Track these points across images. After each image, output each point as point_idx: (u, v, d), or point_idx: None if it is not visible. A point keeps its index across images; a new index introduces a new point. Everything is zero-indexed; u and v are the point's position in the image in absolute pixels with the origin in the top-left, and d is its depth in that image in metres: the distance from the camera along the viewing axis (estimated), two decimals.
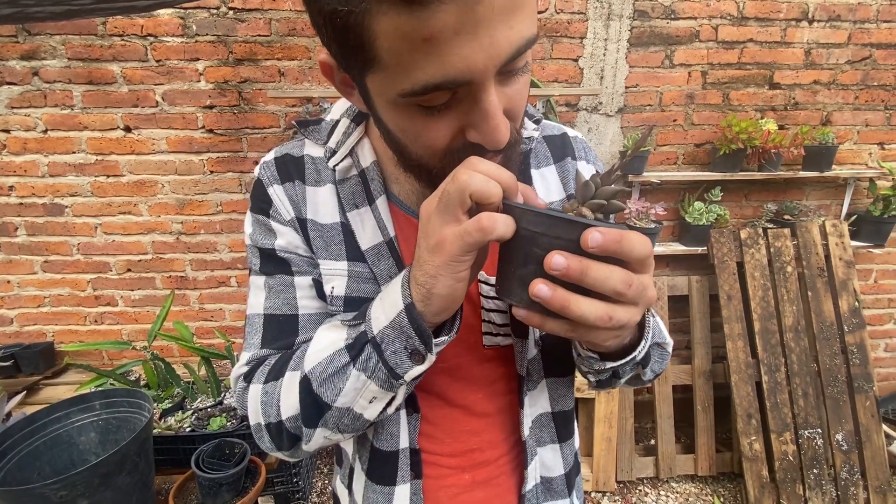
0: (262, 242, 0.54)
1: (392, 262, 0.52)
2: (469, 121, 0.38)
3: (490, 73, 0.35)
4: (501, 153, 0.43)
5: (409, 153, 0.43)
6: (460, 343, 0.53)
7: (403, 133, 0.41)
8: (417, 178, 0.47)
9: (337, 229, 0.53)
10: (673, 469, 2.04)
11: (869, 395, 1.92)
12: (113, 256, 1.96)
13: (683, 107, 1.99)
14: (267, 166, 0.55)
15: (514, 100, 0.40)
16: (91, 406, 1.38)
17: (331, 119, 0.56)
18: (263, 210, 0.54)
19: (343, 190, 0.53)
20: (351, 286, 0.51)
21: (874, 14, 1.94)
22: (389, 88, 0.37)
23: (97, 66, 1.75)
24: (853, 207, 2.14)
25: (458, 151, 0.40)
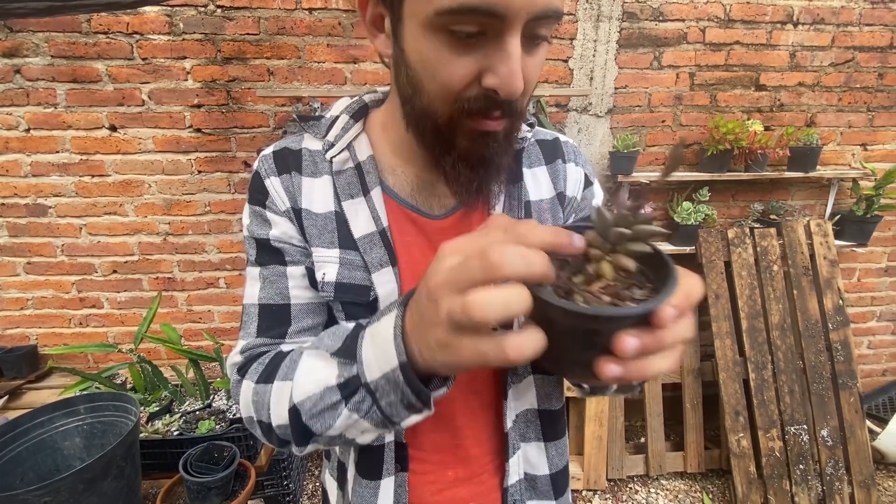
0: (258, 233, 0.55)
1: (384, 251, 0.53)
2: (489, 63, 0.40)
3: (521, 16, 0.38)
4: (506, 118, 0.45)
5: (421, 95, 0.45)
6: None
7: (424, 65, 0.43)
8: (421, 134, 0.49)
9: (331, 218, 0.54)
10: (663, 466, 2.06)
11: (853, 392, 1.96)
12: (98, 258, 1.92)
13: (672, 108, 2.01)
14: (265, 159, 0.57)
15: (530, 69, 0.42)
16: (76, 410, 1.35)
17: (330, 116, 0.58)
18: (260, 201, 0.55)
19: (339, 181, 0.55)
20: (342, 273, 0.52)
21: (857, 17, 1.98)
22: (427, 5, 0.39)
23: (81, 64, 1.72)
24: (837, 207, 2.18)
25: (471, 100, 0.42)
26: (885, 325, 2.40)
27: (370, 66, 1.81)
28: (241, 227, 1.92)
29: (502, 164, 0.50)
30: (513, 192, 0.57)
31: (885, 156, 2.17)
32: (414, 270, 0.54)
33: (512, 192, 0.57)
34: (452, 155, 0.48)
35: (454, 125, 0.45)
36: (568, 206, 0.62)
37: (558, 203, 0.60)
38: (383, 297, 0.52)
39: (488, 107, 0.43)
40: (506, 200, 0.57)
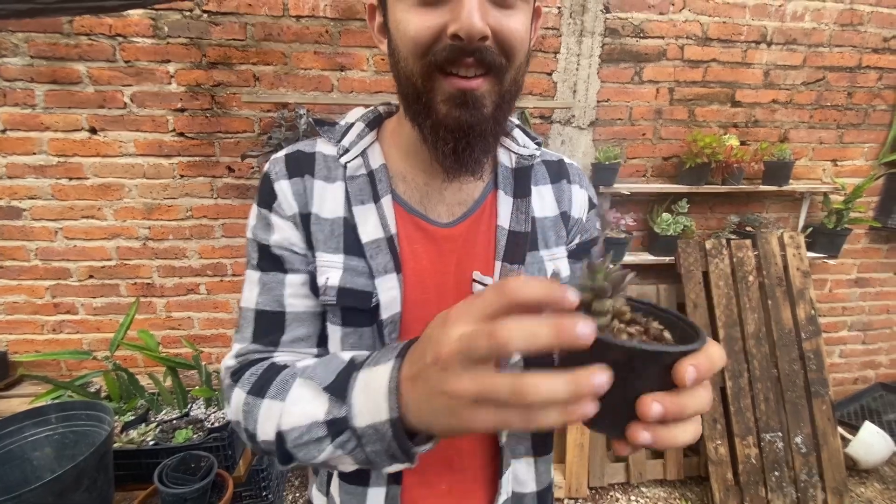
0: (261, 237, 0.56)
1: (389, 258, 0.53)
2: (452, 15, 0.44)
3: None
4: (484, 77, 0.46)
5: (399, 60, 0.48)
6: None
7: (398, 30, 0.47)
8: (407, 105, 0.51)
9: (338, 224, 0.55)
10: (643, 474, 2.08)
11: (825, 400, 2.02)
12: (74, 262, 1.88)
13: (652, 121, 2.06)
14: (276, 162, 0.57)
15: (503, 29, 0.45)
16: (47, 419, 1.31)
17: (345, 123, 0.60)
18: (267, 204, 0.56)
19: (352, 186, 0.56)
20: (345, 278, 0.53)
21: (827, 39, 2.07)
22: None
23: (62, 65, 1.69)
24: (809, 220, 2.26)
25: (438, 52, 0.45)
26: (855, 334, 2.48)
27: (357, 74, 1.82)
28: (223, 233, 1.91)
29: (486, 133, 0.49)
30: (521, 206, 0.58)
31: (854, 171, 2.26)
32: (419, 277, 0.55)
33: (520, 205, 0.59)
34: (432, 118, 0.48)
35: (431, 85, 0.47)
36: (574, 227, 0.63)
37: (562, 222, 0.62)
38: (385, 303, 0.53)
39: (455, 56, 0.45)
40: (513, 213, 0.58)
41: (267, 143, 1.70)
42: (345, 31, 1.77)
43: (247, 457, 1.64)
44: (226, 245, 1.93)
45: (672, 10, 1.94)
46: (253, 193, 1.89)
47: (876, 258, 2.39)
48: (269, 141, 1.70)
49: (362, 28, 1.78)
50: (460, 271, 0.56)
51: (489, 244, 0.57)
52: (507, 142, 0.62)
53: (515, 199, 0.59)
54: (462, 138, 0.49)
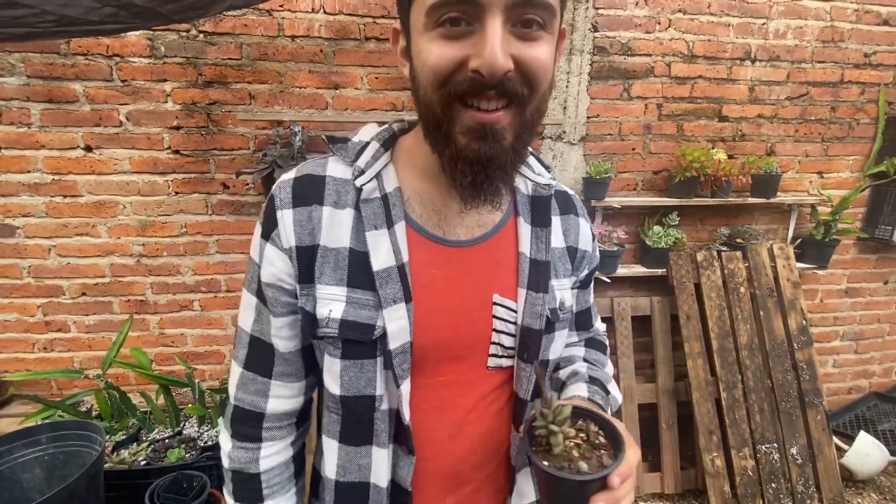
0: (258, 265, 0.57)
1: (399, 287, 0.52)
2: (474, 50, 0.43)
3: (496, 1, 0.42)
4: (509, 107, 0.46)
5: (420, 88, 0.48)
6: (465, 361, 0.57)
7: (420, 59, 0.47)
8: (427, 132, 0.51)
9: (343, 254, 0.53)
10: (641, 488, 2.07)
11: (819, 410, 2.02)
12: (67, 280, 1.87)
13: (641, 136, 2.10)
14: (284, 186, 0.56)
15: (526, 60, 0.44)
16: (37, 440, 1.30)
17: (358, 140, 0.58)
18: (266, 232, 0.55)
19: (365, 210, 0.54)
20: (348, 311, 0.52)
21: (809, 55, 2.13)
22: (420, 12, 0.45)
23: (58, 84, 1.71)
24: (798, 231, 2.30)
25: (458, 83, 0.45)
26: (848, 344, 2.50)
27: (351, 93, 1.85)
28: (218, 249, 1.91)
29: (506, 165, 0.49)
30: (540, 235, 0.60)
31: (840, 183, 2.30)
32: (434, 304, 0.54)
33: (540, 234, 0.60)
34: (451, 149, 0.48)
35: (450, 114, 0.46)
36: (582, 260, 0.66)
37: (567, 255, 0.64)
38: (393, 332, 0.52)
39: (475, 89, 0.44)
40: (533, 241, 0.59)
41: (262, 160, 1.72)
42: (339, 50, 1.80)
43: None
44: (220, 261, 1.94)
45: (658, 29, 1.99)
46: (247, 210, 1.90)
47: (865, 268, 2.42)
48: (264, 158, 1.71)
49: (356, 48, 1.81)
50: (480, 294, 0.57)
51: (511, 269, 0.58)
52: (524, 169, 0.62)
53: (534, 227, 0.60)
54: (481, 171, 0.48)
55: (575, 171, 2.08)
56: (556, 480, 0.46)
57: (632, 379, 2.11)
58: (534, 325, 0.57)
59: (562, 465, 0.47)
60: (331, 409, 0.58)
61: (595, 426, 0.52)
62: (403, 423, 0.54)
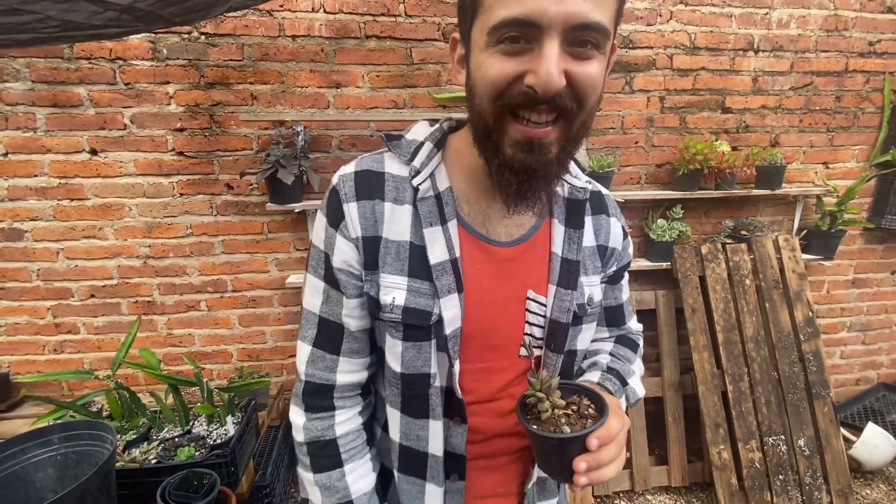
0: (329, 252, 0.60)
1: (452, 279, 0.58)
2: (531, 66, 0.46)
3: (557, 24, 0.44)
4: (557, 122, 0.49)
5: (475, 97, 0.51)
6: (500, 350, 0.63)
7: (479, 71, 0.49)
8: (477, 140, 0.54)
9: (405, 247, 0.58)
10: (647, 481, 2.07)
11: (826, 401, 2.02)
12: (75, 282, 1.89)
13: (644, 130, 2.09)
14: (346, 180, 0.60)
15: (579, 77, 0.47)
16: (49, 440, 1.31)
17: (412, 139, 0.62)
18: (334, 223, 0.59)
19: (422, 208, 0.58)
20: (409, 299, 0.58)
21: (813, 45, 2.11)
22: (483, 31, 0.47)
23: (63, 88, 1.72)
24: (803, 223, 2.28)
25: (512, 97, 0.47)
26: (855, 335, 2.49)
27: (353, 91, 1.86)
28: (223, 249, 1.93)
29: (550, 175, 0.53)
30: (573, 236, 0.64)
31: (845, 173, 2.28)
32: (479, 295, 0.60)
33: (573, 235, 0.64)
34: (499, 158, 0.52)
35: (501, 125, 0.50)
36: (611, 258, 0.70)
37: (597, 253, 0.68)
38: (448, 319, 0.58)
39: (528, 103, 0.47)
40: (565, 241, 0.64)
41: (265, 161, 1.73)
42: (340, 49, 1.81)
43: (249, 473, 1.64)
44: (226, 261, 1.95)
45: (660, 21, 1.98)
46: (251, 210, 1.91)
47: (872, 258, 2.40)
48: (268, 158, 1.72)
49: (357, 46, 1.81)
50: (516, 289, 0.62)
51: (543, 267, 0.64)
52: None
53: (567, 228, 0.65)
54: (525, 180, 0.52)
55: None
56: (540, 440, 0.52)
57: None
58: (561, 319, 0.63)
59: (549, 429, 0.53)
60: (392, 384, 0.63)
61: (587, 400, 0.58)
62: (456, 396, 0.60)
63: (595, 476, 0.52)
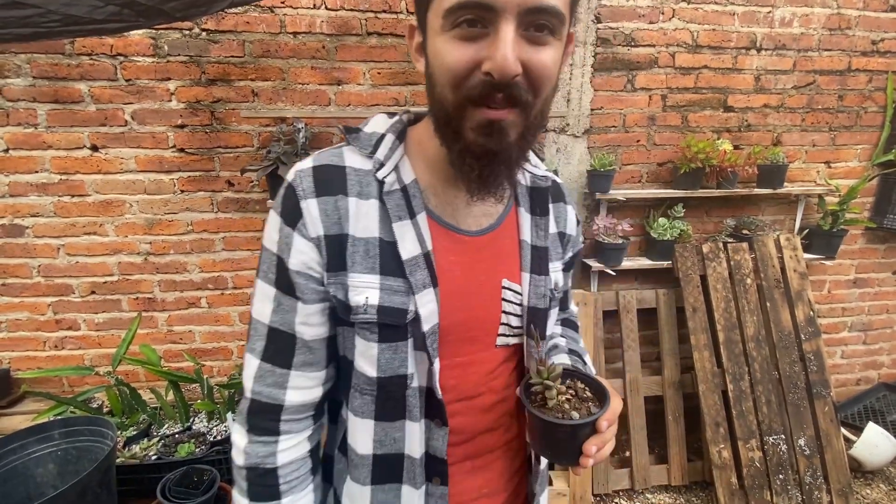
0: (283, 255, 0.55)
1: (426, 274, 0.56)
2: (488, 52, 0.45)
3: (510, 7, 0.44)
4: (511, 108, 0.48)
5: (435, 86, 0.50)
6: (478, 342, 0.61)
7: (436, 59, 0.49)
8: (438, 128, 0.53)
9: (374, 244, 0.56)
10: (647, 480, 2.07)
11: (827, 401, 2.01)
12: (76, 278, 1.89)
13: (646, 128, 2.09)
14: (303, 176, 0.55)
15: (535, 66, 0.47)
16: (49, 436, 1.32)
17: (372, 131, 0.60)
18: (291, 221, 0.55)
19: (389, 202, 0.56)
20: (383, 297, 0.55)
21: (816, 43, 2.10)
22: (438, 15, 0.47)
23: (64, 84, 1.72)
24: (805, 222, 2.28)
25: (472, 87, 0.47)
26: (856, 335, 2.49)
27: (354, 88, 1.85)
28: (224, 246, 1.93)
29: (510, 160, 0.53)
30: (540, 223, 0.65)
31: (847, 172, 2.28)
32: (455, 288, 0.58)
33: (539, 222, 0.65)
34: (460, 143, 0.51)
35: (461, 114, 0.49)
36: (569, 244, 0.72)
37: (559, 240, 0.70)
38: (425, 316, 0.56)
39: (488, 92, 0.46)
40: (533, 229, 0.65)
41: (266, 157, 1.72)
42: (341, 46, 1.80)
43: None
44: (226, 258, 1.95)
45: (662, 19, 1.97)
46: (252, 207, 1.91)
47: (873, 258, 2.40)
48: (269, 155, 1.72)
49: (358, 43, 1.81)
50: (490, 279, 0.62)
51: (514, 255, 0.64)
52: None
53: (534, 216, 0.65)
54: (487, 165, 0.51)
55: (579, 163, 2.08)
56: (552, 427, 0.53)
57: (638, 371, 2.11)
58: (539, 305, 0.63)
59: (556, 415, 0.54)
60: (364, 392, 0.59)
61: (581, 383, 0.60)
62: (436, 397, 0.58)
63: (600, 456, 0.55)
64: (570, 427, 0.53)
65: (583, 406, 0.56)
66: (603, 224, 2.00)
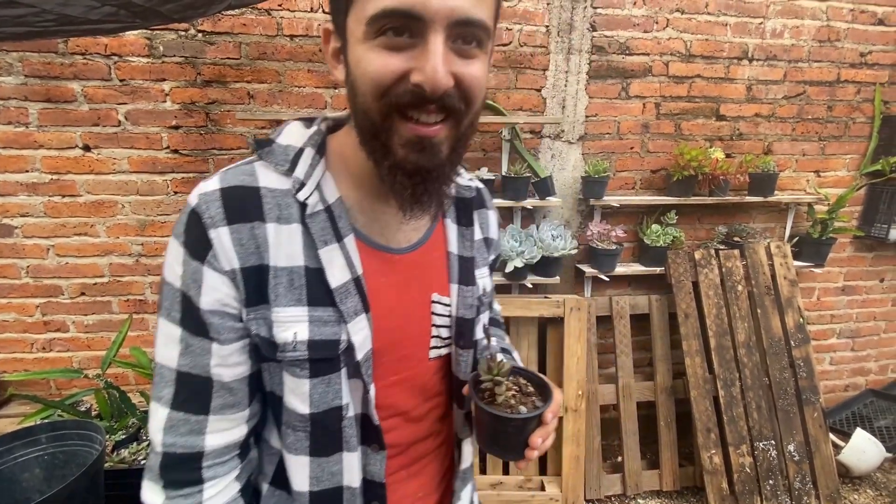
0: (190, 292, 0.49)
1: (358, 300, 0.53)
2: (416, 63, 0.44)
3: (441, 19, 0.42)
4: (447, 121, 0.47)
5: (358, 95, 0.47)
6: (411, 358, 0.60)
7: (360, 66, 0.46)
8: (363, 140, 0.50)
9: (298, 273, 0.51)
10: (639, 485, 2.08)
11: (816, 407, 2.04)
12: (66, 279, 1.87)
13: (639, 135, 2.11)
14: (209, 201, 0.49)
15: (465, 78, 0.46)
16: (36, 440, 1.30)
17: (287, 144, 0.54)
18: (198, 254, 0.48)
19: (313, 225, 0.52)
20: (314, 330, 0.51)
21: (806, 54, 2.14)
22: (360, 21, 0.44)
23: (56, 83, 1.70)
24: (795, 230, 2.31)
25: (399, 95, 0.45)
26: (844, 341, 2.52)
27: None
28: None
29: (443, 176, 0.51)
30: (465, 234, 0.65)
31: (836, 182, 2.31)
32: (387, 310, 0.56)
33: (465, 233, 0.65)
34: (390, 159, 0.48)
35: (389, 125, 0.46)
36: (492, 247, 0.73)
37: (485, 245, 0.70)
38: (359, 344, 0.53)
39: (416, 102, 0.45)
40: (459, 239, 0.65)
41: None
42: None
43: None
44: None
45: (656, 28, 2.00)
46: None
47: (861, 266, 2.44)
48: None
49: None
50: (421, 294, 0.60)
51: (443, 268, 0.63)
52: None
53: (460, 226, 0.65)
54: (420, 183, 0.49)
55: (574, 169, 2.09)
56: (504, 422, 0.55)
57: (630, 377, 2.12)
58: (466, 315, 0.63)
59: (505, 411, 0.56)
60: (297, 428, 0.54)
61: (523, 379, 0.63)
62: (373, 423, 0.56)
63: (544, 447, 0.57)
64: (521, 420, 0.55)
65: (528, 400, 0.59)
66: (597, 230, 2.01)
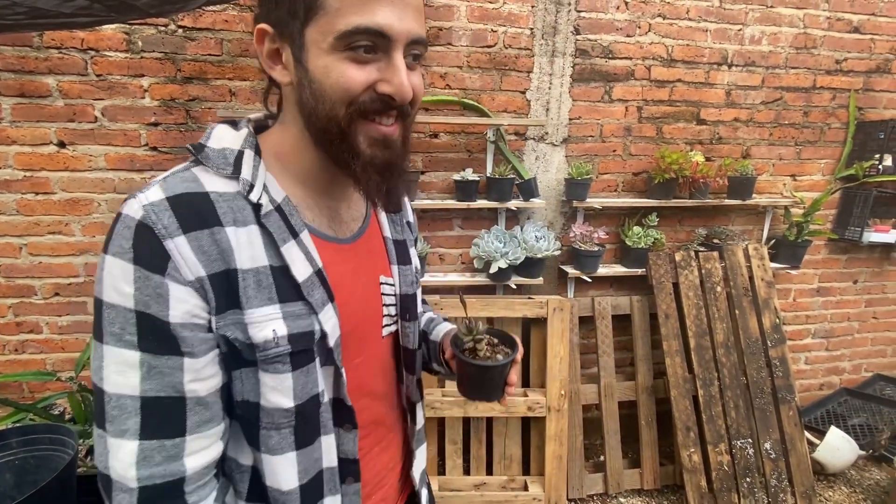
0: (150, 310, 0.46)
1: (323, 291, 0.56)
2: (383, 75, 0.51)
3: (402, 38, 0.50)
4: (399, 121, 0.55)
5: (324, 102, 0.51)
6: (368, 338, 0.66)
7: (328, 76, 0.50)
8: (329, 143, 0.54)
9: (265, 272, 0.52)
10: (621, 484, 2.10)
11: (791, 406, 2.08)
12: (39, 279, 1.82)
13: (622, 138, 2.14)
14: (158, 211, 0.47)
15: (417, 89, 0.54)
16: (7, 444, 1.26)
17: (223, 147, 0.54)
18: (158, 268, 0.46)
19: (270, 225, 0.53)
20: (290, 325, 0.52)
21: (783, 61, 2.19)
22: (328, 34, 0.49)
23: (30, 78, 1.66)
24: (772, 232, 2.36)
25: (365, 102, 0.51)
26: (819, 341, 2.59)
27: None
28: None
29: (402, 170, 0.58)
30: (395, 219, 0.74)
31: (812, 186, 2.37)
32: (347, 297, 0.60)
33: (395, 219, 0.74)
34: (361, 159, 0.54)
35: (354, 127, 0.52)
36: (413, 228, 0.81)
37: (408, 228, 0.78)
38: (330, 331, 0.56)
39: (382, 108, 0.52)
40: (391, 225, 0.72)
41: None
42: None
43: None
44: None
45: (639, 33, 2.03)
46: None
47: (835, 268, 2.50)
48: None
49: None
50: (370, 278, 0.67)
51: (382, 252, 0.70)
52: None
53: (388, 213, 0.72)
54: (389, 177, 0.56)
55: (557, 171, 2.11)
56: (490, 370, 0.67)
57: (612, 377, 2.14)
58: (409, 291, 0.71)
59: (487, 361, 0.68)
60: (282, 426, 0.54)
61: (496, 339, 0.73)
62: (346, 405, 0.60)
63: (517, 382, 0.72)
64: (501, 367, 0.67)
65: (500, 350, 0.71)
66: (579, 231, 2.03)
